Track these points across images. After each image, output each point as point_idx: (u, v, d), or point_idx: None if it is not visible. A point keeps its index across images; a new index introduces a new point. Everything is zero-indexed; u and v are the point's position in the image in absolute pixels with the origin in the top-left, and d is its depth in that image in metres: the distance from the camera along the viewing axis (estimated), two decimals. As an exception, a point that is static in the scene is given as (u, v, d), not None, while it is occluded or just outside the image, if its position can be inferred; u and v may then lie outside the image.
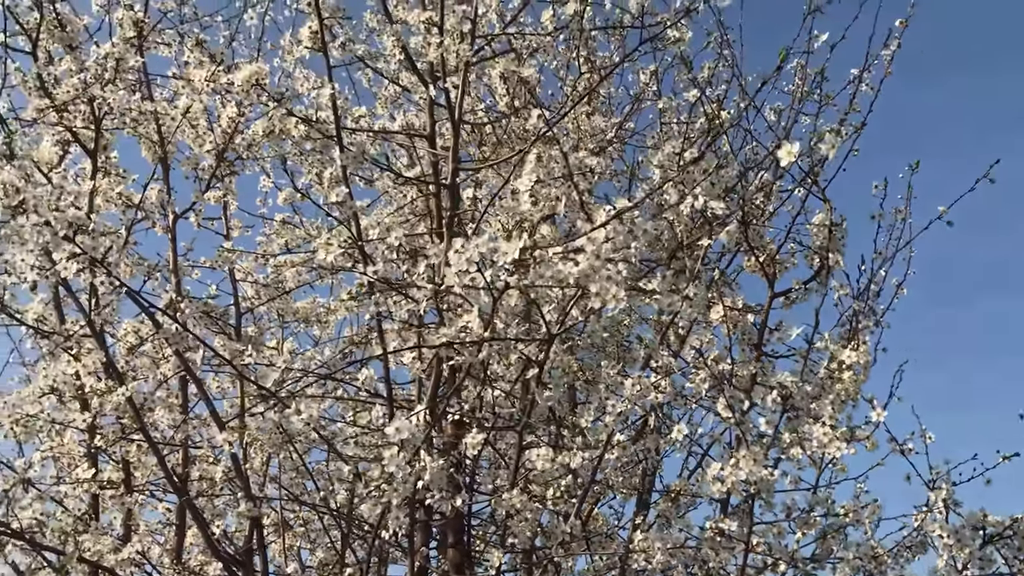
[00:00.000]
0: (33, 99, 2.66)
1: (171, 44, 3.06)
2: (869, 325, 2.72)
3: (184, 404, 2.83)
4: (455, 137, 2.64)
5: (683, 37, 2.56)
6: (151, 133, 2.85)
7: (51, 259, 1.98)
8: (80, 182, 2.74)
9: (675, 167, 2.67)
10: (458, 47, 2.60)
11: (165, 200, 2.84)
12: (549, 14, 3.02)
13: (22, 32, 2.72)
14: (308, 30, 2.54)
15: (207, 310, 2.90)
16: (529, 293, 1.75)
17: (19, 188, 1.88)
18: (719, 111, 2.76)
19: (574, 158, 2.79)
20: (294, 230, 3.62)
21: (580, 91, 2.84)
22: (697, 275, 2.64)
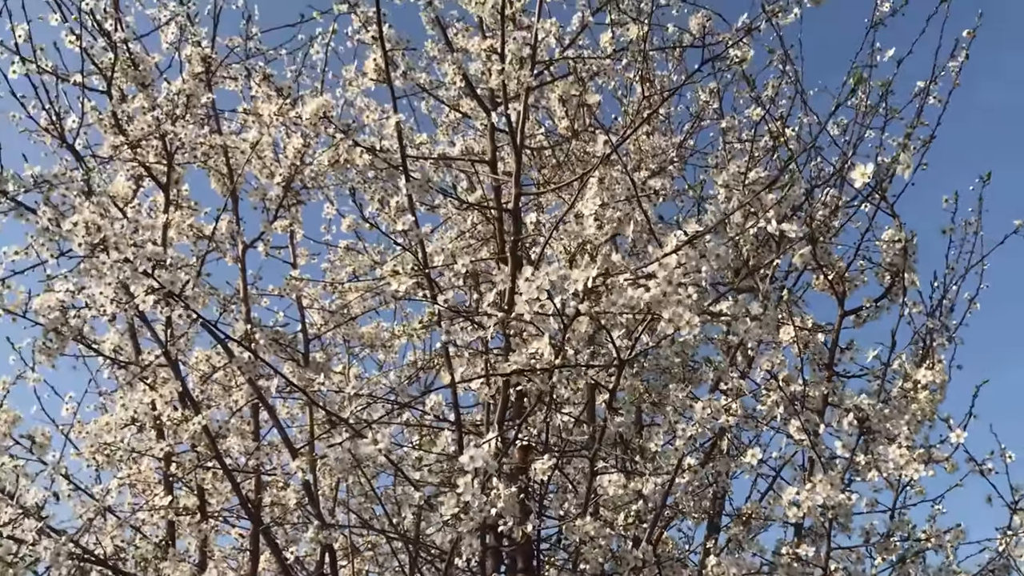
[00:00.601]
0: (108, 136, 2.75)
1: (237, 78, 3.14)
2: (943, 342, 2.66)
3: (256, 431, 2.88)
4: (517, 163, 2.65)
5: (745, 57, 2.55)
6: (220, 166, 2.92)
7: (130, 293, 2.03)
8: (154, 215, 2.81)
9: (741, 186, 2.65)
10: (518, 73, 2.62)
11: (235, 231, 2.91)
12: (608, 36, 3.03)
13: (98, 72, 2.82)
14: (372, 62, 2.58)
15: (276, 337, 2.95)
16: (599, 319, 1.74)
17: (100, 226, 1.93)
18: (783, 128, 2.73)
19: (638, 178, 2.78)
20: (358, 256, 3.67)
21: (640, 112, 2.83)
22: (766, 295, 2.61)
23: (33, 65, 2.64)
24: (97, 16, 2.80)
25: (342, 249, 3.62)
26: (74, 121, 2.73)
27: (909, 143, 2.70)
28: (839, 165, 2.87)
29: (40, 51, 2.68)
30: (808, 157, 3.01)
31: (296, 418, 3.37)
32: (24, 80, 2.62)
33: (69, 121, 2.72)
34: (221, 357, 2.77)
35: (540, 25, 2.70)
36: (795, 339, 2.63)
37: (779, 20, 2.53)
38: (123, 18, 2.80)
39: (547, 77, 2.98)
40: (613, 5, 3.03)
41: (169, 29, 3.03)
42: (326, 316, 3.27)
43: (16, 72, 2.56)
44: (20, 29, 2.59)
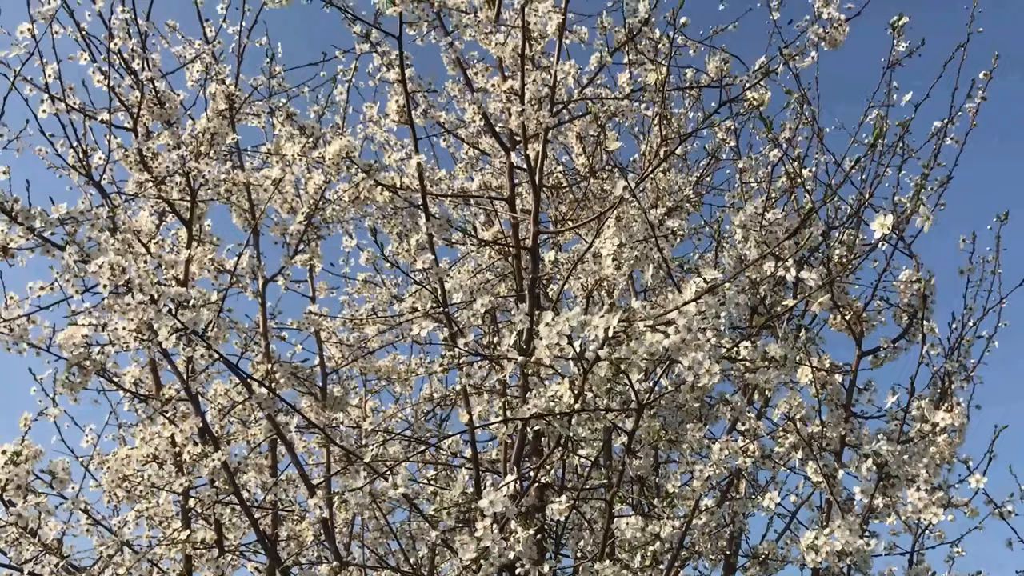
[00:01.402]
0: (134, 172, 2.80)
1: (260, 115, 3.19)
2: (961, 384, 2.66)
3: (273, 465, 2.90)
4: (536, 201, 2.68)
5: (763, 99, 2.57)
6: (242, 202, 2.95)
7: (153, 330, 2.06)
8: (176, 251, 2.85)
9: (758, 227, 2.66)
10: (537, 114, 2.65)
11: (256, 266, 2.94)
12: (626, 76, 3.06)
13: (124, 109, 2.87)
14: (394, 103, 2.62)
15: (295, 371, 2.98)
16: (619, 364, 1.76)
17: (124, 267, 1.97)
18: (800, 169, 2.74)
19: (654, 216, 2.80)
20: (376, 289, 3.70)
21: (658, 153, 2.86)
22: (784, 336, 2.62)
23: (62, 104, 2.69)
24: (125, 55, 2.85)
25: (360, 282, 3.65)
26: (100, 158, 2.78)
27: (924, 193, 2.71)
28: (856, 205, 2.89)
29: (69, 90, 2.74)
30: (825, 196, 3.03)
31: (313, 453, 3.38)
32: (52, 118, 2.67)
33: (95, 158, 2.76)
34: (240, 392, 2.79)
35: (559, 67, 2.73)
36: (813, 380, 2.63)
37: (796, 64, 2.56)
38: (149, 56, 2.85)
39: (565, 116, 3.01)
40: (631, 45, 3.06)
41: (194, 67, 3.08)
42: (344, 350, 3.30)
43: (46, 111, 2.61)
44: (50, 69, 2.65)
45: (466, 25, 2.75)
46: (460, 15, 2.73)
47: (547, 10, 2.71)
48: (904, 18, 2.99)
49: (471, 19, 2.69)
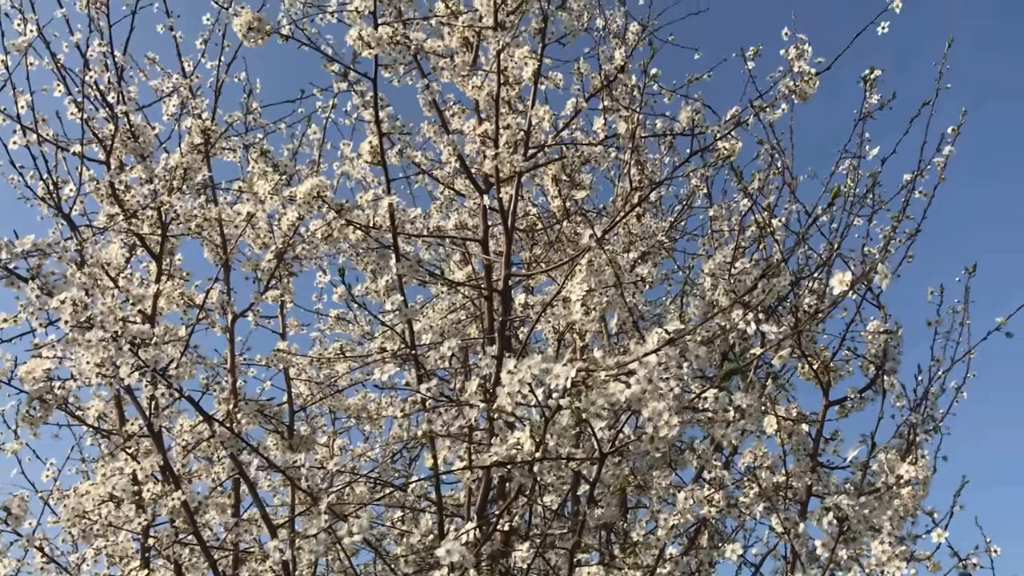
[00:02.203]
0: (105, 206, 2.78)
1: (236, 150, 3.19)
2: (927, 437, 2.67)
3: (236, 504, 2.86)
4: (508, 244, 2.69)
5: (733, 149, 2.60)
6: (214, 236, 2.94)
7: (116, 367, 2.04)
8: (145, 285, 2.83)
9: (727, 275, 2.68)
10: (511, 158, 2.66)
11: (225, 302, 2.92)
12: (601, 122, 3.09)
13: (97, 141, 2.86)
14: (368, 145, 2.63)
15: (261, 409, 2.95)
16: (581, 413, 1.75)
17: (87, 304, 1.95)
18: (770, 219, 2.77)
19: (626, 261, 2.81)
20: (348, 325, 3.69)
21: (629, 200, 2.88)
22: (749, 385, 2.63)
23: (34, 135, 2.68)
24: (101, 87, 2.85)
25: (332, 319, 3.64)
26: (71, 190, 2.77)
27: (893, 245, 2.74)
28: (826, 255, 2.91)
29: (42, 121, 2.73)
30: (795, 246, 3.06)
31: (278, 491, 3.34)
32: (23, 149, 2.66)
33: (66, 190, 2.75)
34: (205, 429, 2.76)
35: (534, 111, 2.76)
36: (779, 429, 2.63)
37: (767, 115, 2.59)
38: (126, 90, 2.85)
39: (540, 159, 3.03)
40: (606, 92, 3.10)
41: (171, 100, 3.09)
42: (313, 387, 3.27)
43: (17, 143, 2.60)
44: (23, 100, 2.64)
45: (443, 68, 2.78)
46: (437, 58, 2.75)
47: (523, 56, 2.74)
48: (876, 71, 3.04)
49: (448, 63, 2.71)
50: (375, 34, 2.34)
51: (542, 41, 2.78)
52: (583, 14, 3.07)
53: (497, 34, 2.57)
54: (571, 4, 2.89)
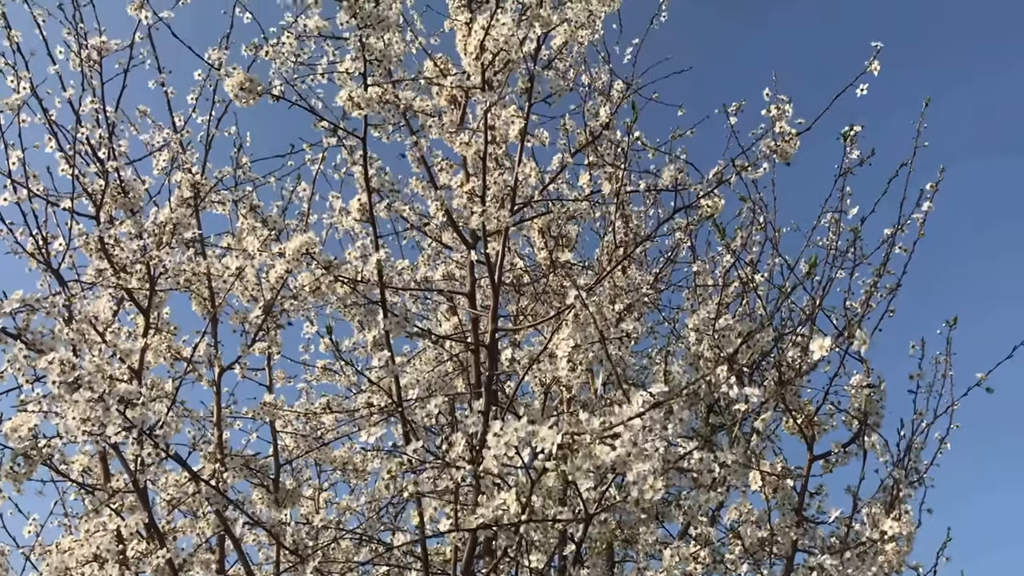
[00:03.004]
0: (94, 260, 2.80)
1: (225, 203, 3.21)
2: (910, 492, 2.68)
3: (221, 561, 2.84)
4: (495, 299, 2.71)
5: (717, 207, 2.65)
6: (202, 290, 2.96)
7: (102, 425, 2.04)
8: (133, 339, 2.84)
9: (711, 331, 2.71)
10: (498, 214, 2.70)
11: (212, 355, 2.93)
12: (586, 177, 3.14)
13: (88, 196, 2.88)
14: (357, 202, 2.66)
15: (247, 463, 2.94)
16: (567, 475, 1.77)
17: (75, 364, 1.96)
18: (753, 275, 2.81)
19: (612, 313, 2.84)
20: (334, 376, 3.69)
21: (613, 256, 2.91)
22: (735, 440, 2.64)
23: (25, 191, 2.70)
24: (92, 142, 2.88)
25: (319, 369, 3.64)
26: (61, 244, 2.78)
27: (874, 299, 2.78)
28: (808, 310, 2.95)
29: (33, 177, 2.75)
30: (778, 300, 3.10)
31: (264, 546, 3.32)
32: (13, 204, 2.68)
33: (55, 245, 2.77)
34: (190, 483, 2.75)
35: (520, 168, 2.80)
36: (763, 484, 2.65)
37: (748, 174, 2.64)
38: (116, 145, 2.88)
39: (527, 214, 3.07)
40: (592, 148, 3.15)
41: (161, 155, 3.12)
42: (299, 440, 3.27)
43: (8, 200, 2.62)
44: (15, 156, 2.66)
45: (431, 126, 2.82)
46: (425, 117, 2.79)
47: (510, 115, 2.79)
48: (855, 128, 3.10)
49: (436, 121, 2.76)
50: (365, 95, 2.38)
51: (528, 100, 2.84)
52: (569, 72, 3.13)
53: (485, 94, 2.62)
54: (557, 64, 2.95)
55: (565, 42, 2.86)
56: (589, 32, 2.82)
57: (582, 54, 3.17)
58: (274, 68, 2.63)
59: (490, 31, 2.66)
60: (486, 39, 2.68)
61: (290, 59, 2.60)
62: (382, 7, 2.37)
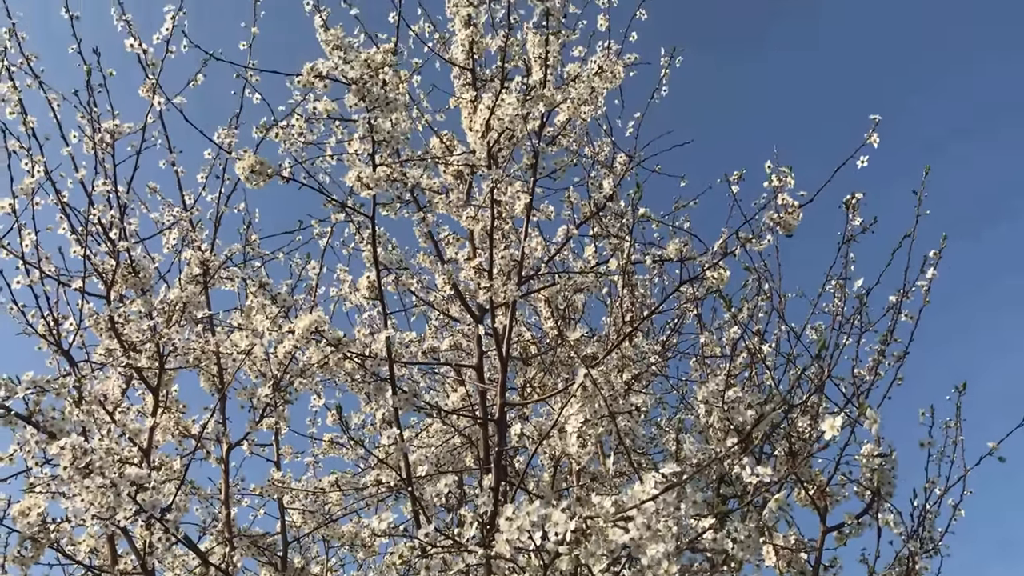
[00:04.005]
0: (104, 339, 2.81)
1: (234, 279, 3.24)
2: (926, 566, 2.65)
3: (229, 642, 2.80)
4: (503, 373, 2.72)
5: (722, 279, 2.66)
6: (211, 367, 2.97)
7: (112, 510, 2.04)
8: (142, 418, 2.84)
9: (720, 402, 2.71)
10: (505, 287, 2.72)
11: (221, 432, 2.93)
12: (591, 249, 3.17)
13: (98, 275, 2.91)
14: (366, 280, 2.69)
15: (255, 541, 2.92)
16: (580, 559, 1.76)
17: (86, 450, 1.96)
18: (760, 345, 2.81)
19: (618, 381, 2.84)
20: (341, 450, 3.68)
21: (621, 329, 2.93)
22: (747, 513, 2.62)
23: (37, 272, 2.73)
24: (103, 222, 2.92)
25: (326, 443, 3.63)
26: (71, 324, 2.80)
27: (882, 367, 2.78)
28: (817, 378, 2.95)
29: (46, 259, 2.79)
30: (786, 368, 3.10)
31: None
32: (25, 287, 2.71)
33: (66, 325, 2.79)
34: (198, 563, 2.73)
35: (526, 243, 2.83)
36: (778, 558, 2.62)
37: (752, 246, 2.66)
38: (127, 226, 2.92)
39: (533, 286, 3.09)
40: (596, 219, 3.19)
41: (171, 233, 3.16)
42: (307, 516, 3.24)
43: (20, 283, 2.65)
44: (28, 239, 2.70)
45: (437, 202, 2.86)
46: (432, 193, 2.83)
47: (516, 191, 2.83)
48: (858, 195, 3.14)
49: (443, 198, 2.80)
50: (374, 175, 2.42)
51: (533, 175, 2.88)
52: (572, 147, 3.18)
53: (491, 171, 2.66)
54: (561, 140, 3.00)
55: (568, 118, 2.92)
56: (592, 108, 2.88)
57: (585, 128, 3.22)
58: (283, 148, 2.68)
59: (495, 110, 2.71)
60: (491, 118, 2.74)
61: (299, 140, 2.65)
62: (389, 90, 2.43)
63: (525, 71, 3.00)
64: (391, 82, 2.44)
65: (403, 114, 2.53)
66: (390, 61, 2.46)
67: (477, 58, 3.17)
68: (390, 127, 2.46)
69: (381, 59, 2.45)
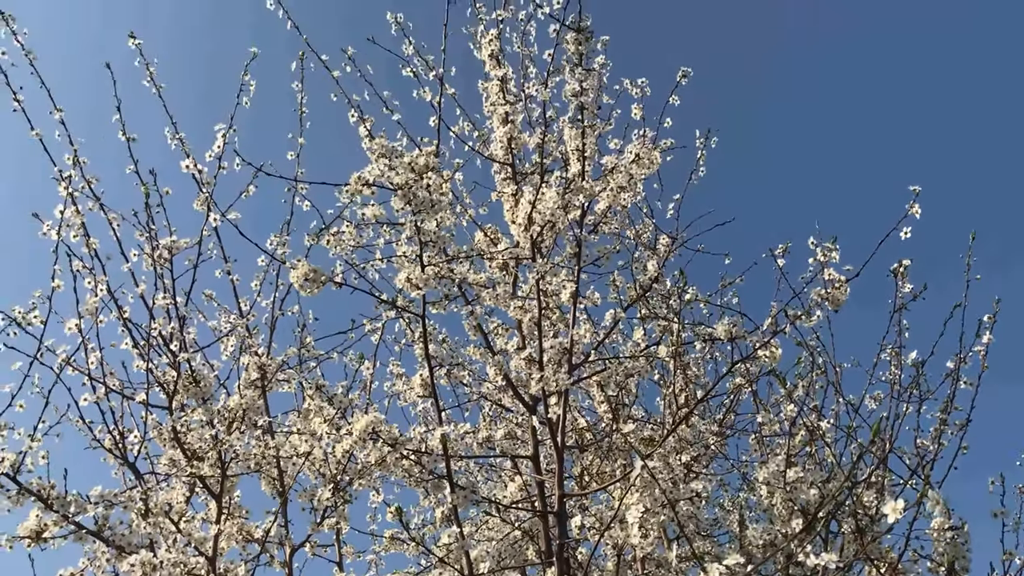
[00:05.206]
0: (167, 450, 2.88)
1: (291, 382, 3.31)
2: (1012, 645, 2.55)
3: None
4: (560, 464, 2.72)
5: (775, 356, 2.66)
6: (271, 471, 3.01)
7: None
8: (206, 526, 2.88)
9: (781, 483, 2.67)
10: (556, 377, 2.74)
11: (283, 535, 2.95)
12: (640, 332, 3.18)
13: (160, 387, 2.99)
14: (419, 378, 2.73)
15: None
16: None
17: (155, 565, 2.00)
18: (818, 422, 2.78)
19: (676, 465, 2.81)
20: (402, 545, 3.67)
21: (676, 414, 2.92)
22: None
23: (102, 387, 2.82)
24: (163, 333, 3.02)
25: (387, 540, 3.63)
26: (136, 437, 2.88)
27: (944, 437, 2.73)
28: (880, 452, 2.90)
29: (110, 375, 2.88)
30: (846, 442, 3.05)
31: None
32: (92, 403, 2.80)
33: (131, 438, 2.86)
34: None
35: (575, 331, 2.86)
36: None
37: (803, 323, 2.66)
38: (187, 336, 3.01)
39: (584, 372, 3.10)
40: (643, 302, 3.21)
41: (229, 340, 3.24)
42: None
43: (88, 400, 2.74)
44: (94, 356, 2.80)
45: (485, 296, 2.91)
46: (479, 288, 2.89)
47: (561, 280, 2.87)
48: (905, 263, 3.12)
49: (490, 292, 2.85)
50: (423, 276, 2.48)
51: (578, 263, 2.93)
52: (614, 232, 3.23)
53: (536, 263, 2.71)
54: (602, 227, 3.05)
55: (609, 206, 2.97)
56: (631, 195, 2.93)
57: (626, 213, 3.27)
58: (333, 253, 2.76)
59: (537, 204, 2.78)
60: (533, 211, 2.80)
61: (349, 245, 2.73)
62: (434, 192, 2.50)
63: (563, 163, 3.08)
64: (435, 184, 2.52)
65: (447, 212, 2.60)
66: (433, 164, 2.55)
67: (516, 153, 3.26)
68: (435, 227, 2.53)
69: (424, 162, 2.53)
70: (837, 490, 2.54)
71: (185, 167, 2.93)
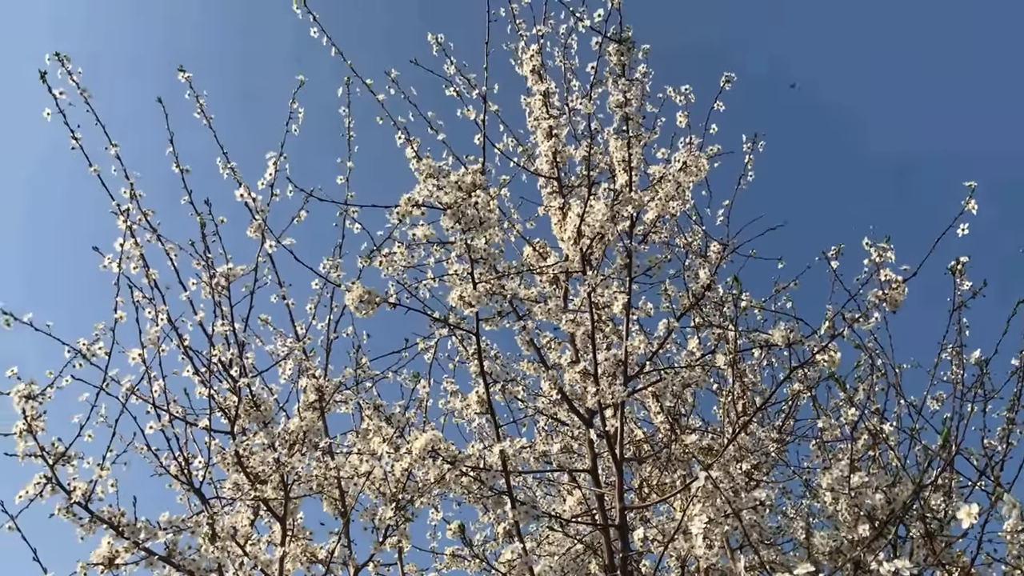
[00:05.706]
0: (231, 474, 2.93)
1: (348, 402, 3.34)
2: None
3: None
4: (619, 476, 2.71)
5: (834, 360, 2.62)
6: (333, 491, 3.04)
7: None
8: (271, 548, 2.92)
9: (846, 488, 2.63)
10: (611, 390, 2.73)
11: (347, 556, 2.98)
12: (695, 342, 3.16)
13: (222, 412, 3.05)
14: (475, 395, 2.74)
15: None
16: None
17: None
18: (880, 425, 2.73)
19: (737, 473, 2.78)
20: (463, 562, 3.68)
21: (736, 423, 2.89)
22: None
23: (166, 414, 2.88)
24: (223, 359, 3.07)
25: (448, 557, 3.64)
26: (200, 462, 2.93)
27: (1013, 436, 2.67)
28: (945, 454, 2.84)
29: (173, 403, 2.94)
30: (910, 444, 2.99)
31: None
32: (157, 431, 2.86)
33: (196, 463, 2.92)
34: None
35: (628, 342, 2.85)
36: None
37: (860, 324, 2.62)
38: (246, 361, 3.06)
39: (639, 383, 3.09)
40: (696, 310, 3.19)
41: (287, 363, 3.29)
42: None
43: (153, 428, 2.80)
44: (157, 385, 2.86)
45: (536, 311, 2.92)
46: (531, 303, 2.89)
47: (613, 292, 2.87)
48: (963, 259, 3.06)
49: (541, 306, 2.85)
50: (475, 293, 2.49)
51: (629, 274, 2.92)
52: (664, 241, 3.22)
53: (587, 276, 2.71)
54: (652, 237, 3.04)
55: (658, 215, 2.96)
56: (680, 203, 2.92)
57: (675, 221, 3.25)
58: (385, 274, 2.79)
59: (585, 217, 2.78)
60: (582, 224, 2.80)
61: (401, 265, 2.75)
62: (482, 209, 2.52)
63: (610, 175, 3.08)
64: (483, 202, 2.54)
65: (496, 229, 2.62)
66: (479, 181, 2.56)
67: (561, 166, 3.27)
68: (485, 244, 2.55)
69: (471, 180, 2.55)
70: (908, 496, 2.49)
71: (239, 195, 2.99)
